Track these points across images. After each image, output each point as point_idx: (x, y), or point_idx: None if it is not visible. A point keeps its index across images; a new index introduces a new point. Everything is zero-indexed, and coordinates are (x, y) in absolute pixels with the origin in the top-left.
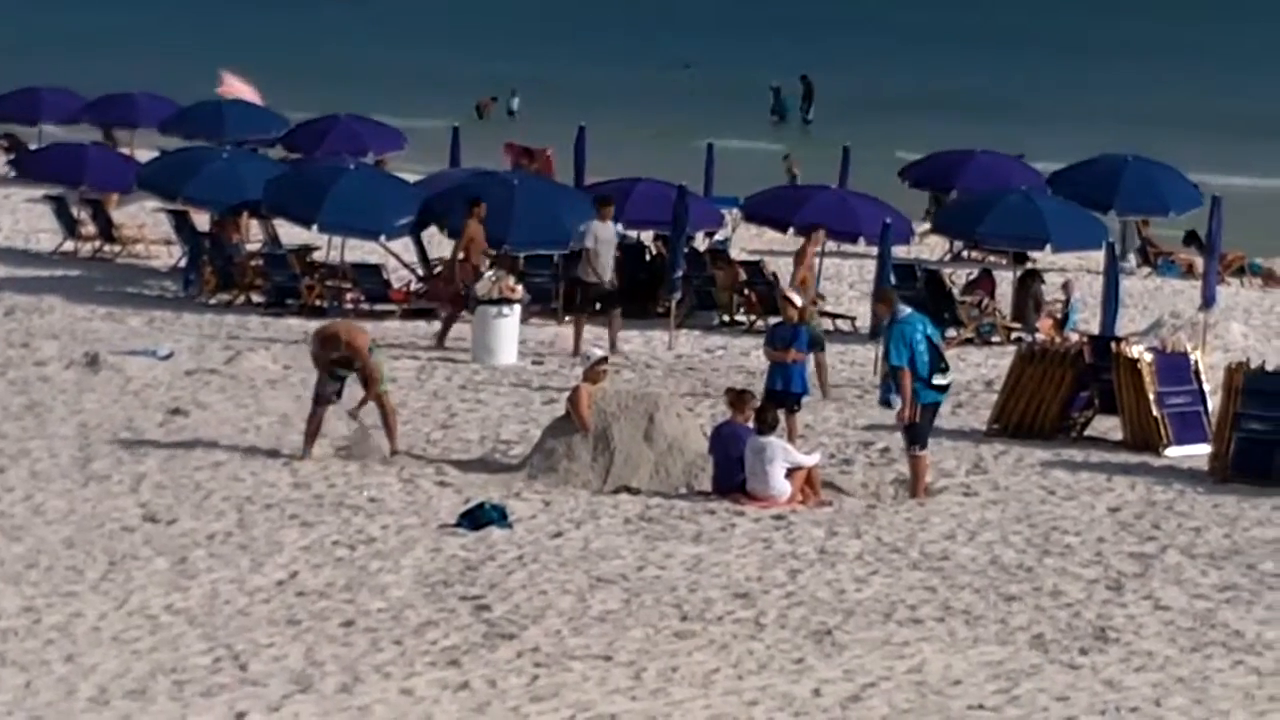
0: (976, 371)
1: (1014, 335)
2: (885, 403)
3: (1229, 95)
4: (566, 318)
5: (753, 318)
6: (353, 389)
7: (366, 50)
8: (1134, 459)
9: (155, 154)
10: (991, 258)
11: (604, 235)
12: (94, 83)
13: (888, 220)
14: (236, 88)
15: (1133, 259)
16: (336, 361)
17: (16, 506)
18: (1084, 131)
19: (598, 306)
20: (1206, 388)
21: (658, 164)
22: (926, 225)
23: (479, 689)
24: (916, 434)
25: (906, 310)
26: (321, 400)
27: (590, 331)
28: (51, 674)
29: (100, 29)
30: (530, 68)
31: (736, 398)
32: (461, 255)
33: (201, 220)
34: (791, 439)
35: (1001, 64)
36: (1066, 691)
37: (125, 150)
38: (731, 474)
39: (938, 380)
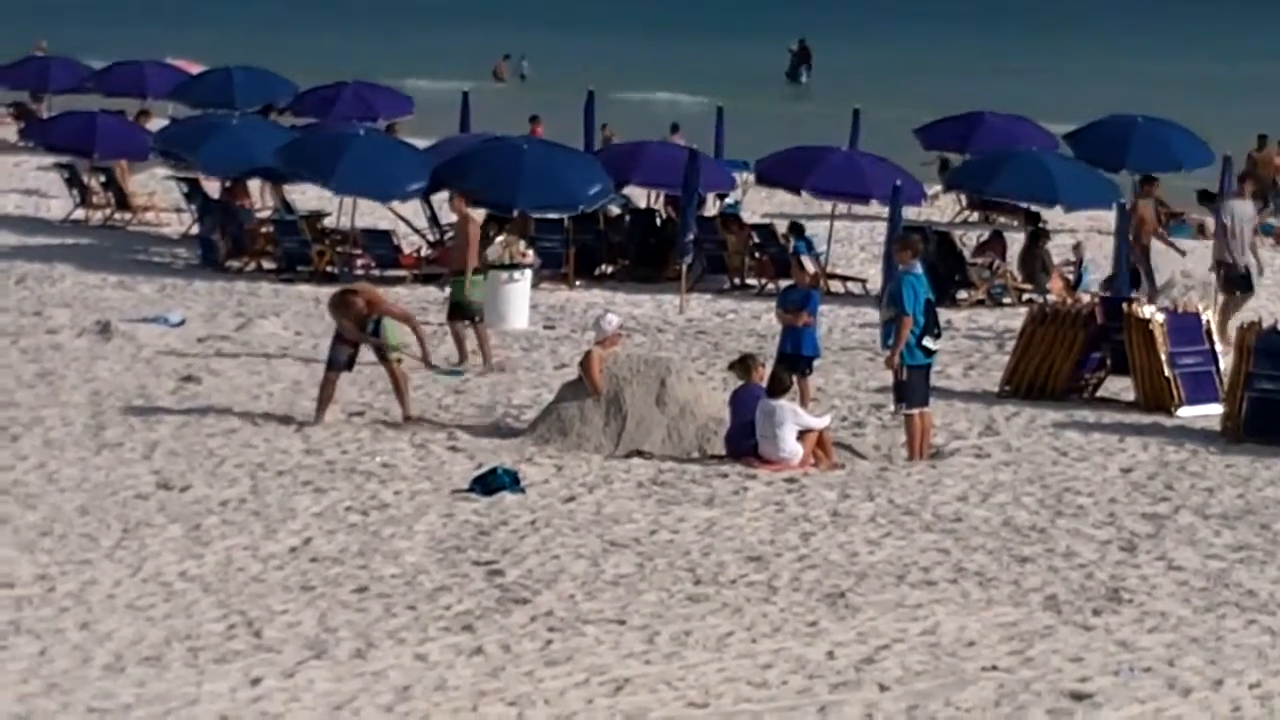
0: (988, 333)
1: (1025, 296)
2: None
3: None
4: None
5: (764, 281)
6: (365, 355)
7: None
8: (1146, 419)
9: (164, 123)
10: (1002, 219)
11: (1242, 213)
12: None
13: (898, 182)
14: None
15: None
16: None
17: (30, 474)
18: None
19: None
20: (1218, 348)
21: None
22: (937, 188)
23: (493, 654)
24: (905, 393)
25: (919, 268)
26: (334, 366)
27: (602, 295)
28: (66, 641)
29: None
30: (551, 36)
31: (745, 368)
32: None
33: (212, 187)
34: (804, 402)
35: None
36: (1080, 652)
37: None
38: (745, 437)
39: (927, 343)
